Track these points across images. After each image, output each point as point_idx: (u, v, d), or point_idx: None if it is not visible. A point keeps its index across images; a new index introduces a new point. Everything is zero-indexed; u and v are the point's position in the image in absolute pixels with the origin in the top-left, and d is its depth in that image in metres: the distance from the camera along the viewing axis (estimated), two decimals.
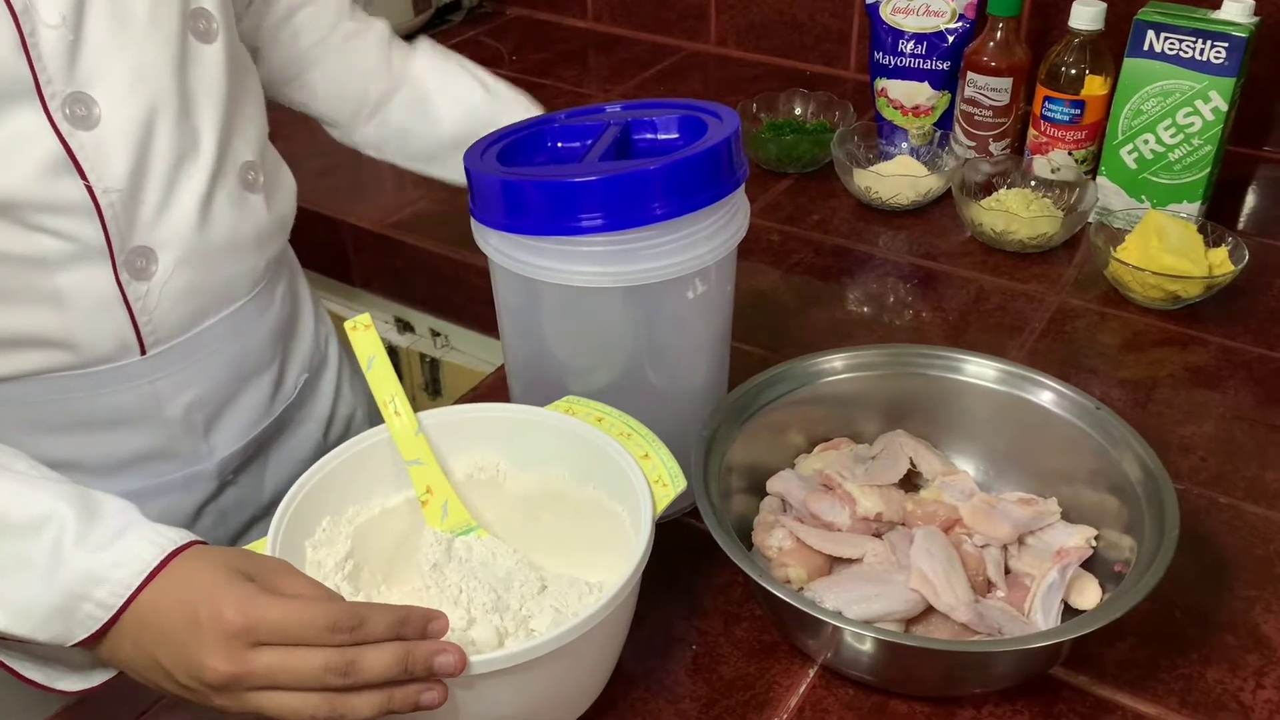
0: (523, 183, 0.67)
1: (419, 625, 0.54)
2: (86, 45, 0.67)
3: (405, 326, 1.27)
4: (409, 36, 1.61)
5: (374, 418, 1.01)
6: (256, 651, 0.52)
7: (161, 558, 0.56)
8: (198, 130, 0.74)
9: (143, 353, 0.74)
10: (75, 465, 0.77)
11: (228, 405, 0.82)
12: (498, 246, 0.69)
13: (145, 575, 0.55)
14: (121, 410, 0.76)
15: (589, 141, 0.72)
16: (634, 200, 0.65)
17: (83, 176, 0.67)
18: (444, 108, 0.94)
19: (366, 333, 0.70)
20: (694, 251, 0.67)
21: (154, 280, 0.73)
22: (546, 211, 0.66)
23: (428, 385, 1.27)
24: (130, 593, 0.55)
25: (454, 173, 0.96)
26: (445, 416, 0.70)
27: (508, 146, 0.72)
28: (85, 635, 0.56)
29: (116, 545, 0.56)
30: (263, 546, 0.60)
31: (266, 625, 0.52)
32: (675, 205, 0.65)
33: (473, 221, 0.71)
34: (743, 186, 0.71)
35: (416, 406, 0.69)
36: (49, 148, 0.66)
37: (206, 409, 0.80)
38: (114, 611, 0.55)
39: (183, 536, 0.58)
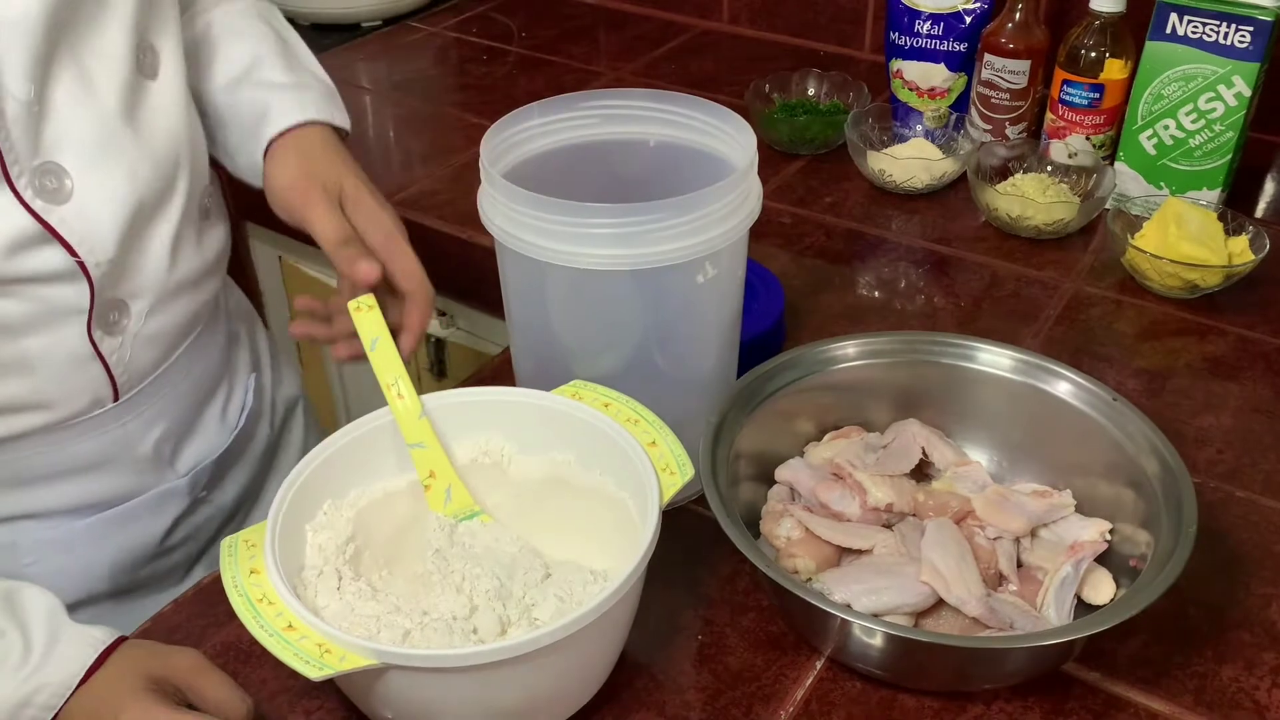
0: None
1: None
2: (53, 114, 0.64)
3: None
4: (416, 13, 1.60)
5: (313, 396, 1.00)
6: None
7: (94, 659, 0.61)
8: (169, 175, 0.71)
9: (116, 400, 0.73)
10: (38, 514, 0.75)
11: (192, 429, 0.81)
12: (504, 228, 0.67)
13: (80, 678, 0.60)
14: (91, 456, 0.75)
15: None
16: None
17: (71, 251, 0.65)
18: (219, 63, 0.81)
19: (370, 313, 0.69)
20: (704, 235, 0.66)
21: (126, 332, 0.71)
22: None
23: (433, 366, 1.26)
24: (69, 693, 0.60)
25: (238, 168, 0.80)
26: (449, 400, 0.69)
27: None
28: None
29: (52, 656, 0.60)
30: (262, 531, 0.59)
31: None
32: None
33: (479, 203, 0.70)
34: (755, 170, 0.69)
35: (421, 387, 0.68)
36: (20, 225, 0.63)
37: (174, 438, 0.80)
38: (54, 712, 0.60)
39: (108, 635, 0.62)
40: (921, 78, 1.23)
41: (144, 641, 0.64)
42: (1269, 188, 1.17)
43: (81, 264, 0.66)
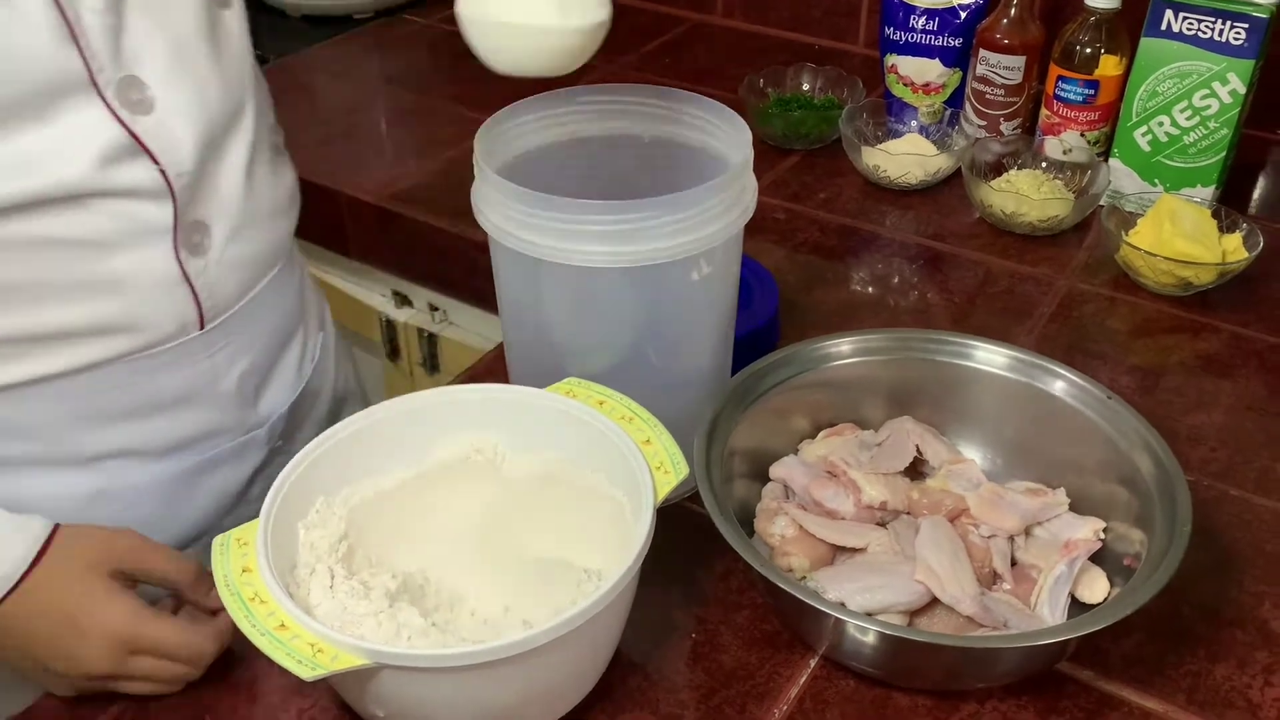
0: None
1: None
2: (128, 28, 0.65)
3: (403, 300, 1.26)
4: (409, 6, 1.60)
5: (362, 386, 1.01)
6: (136, 658, 0.63)
7: (35, 552, 0.61)
8: (237, 99, 0.74)
9: (201, 327, 0.74)
10: (129, 453, 0.76)
11: (272, 370, 0.83)
12: (498, 224, 0.67)
13: (23, 570, 0.61)
14: (179, 389, 0.76)
15: None
16: None
17: (155, 160, 0.67)
18: None
19: None
20: (699, 232, 0.66)
21: (209, 255, 0.73)
22: None
23: (425, 361, 1.26)
24: (9, 587, 0.60)
25: None
26: (443, 396, 0.68)
27: None
28: None
29: None
30: (253, 529, 0.59)
31: (149, 640, 0.62)
32: None
33: (473, 200, 0.69)
34: (750, 167, 0.69)
35: (414, 383, 0.67)
36: (111, 136, 0.65)
37: (256, 376, 0.81)
38: None
39: (44, 527, 0.63)
40: (916, 73, 1.23)
41: (79, 527, 0.64)
42: (1263, 185, 1.17)
43: (165, 174, 0.67)
